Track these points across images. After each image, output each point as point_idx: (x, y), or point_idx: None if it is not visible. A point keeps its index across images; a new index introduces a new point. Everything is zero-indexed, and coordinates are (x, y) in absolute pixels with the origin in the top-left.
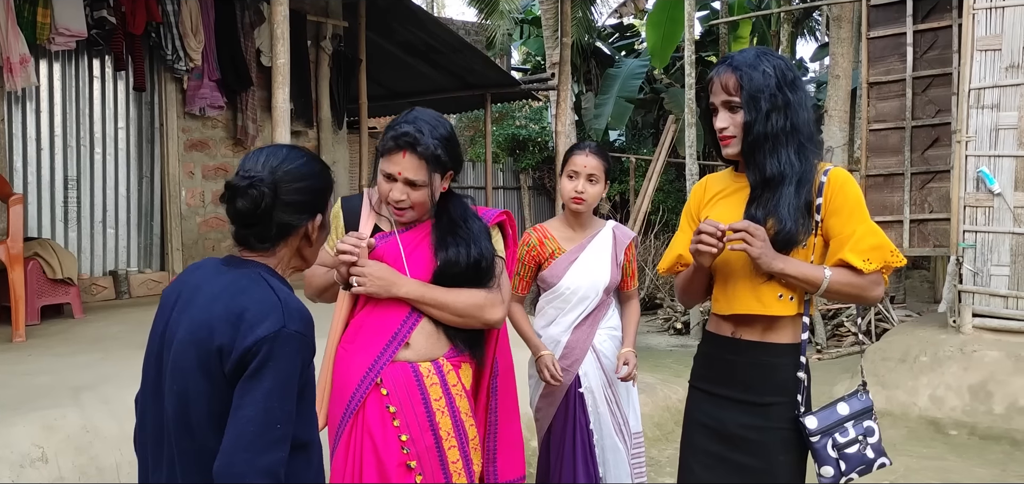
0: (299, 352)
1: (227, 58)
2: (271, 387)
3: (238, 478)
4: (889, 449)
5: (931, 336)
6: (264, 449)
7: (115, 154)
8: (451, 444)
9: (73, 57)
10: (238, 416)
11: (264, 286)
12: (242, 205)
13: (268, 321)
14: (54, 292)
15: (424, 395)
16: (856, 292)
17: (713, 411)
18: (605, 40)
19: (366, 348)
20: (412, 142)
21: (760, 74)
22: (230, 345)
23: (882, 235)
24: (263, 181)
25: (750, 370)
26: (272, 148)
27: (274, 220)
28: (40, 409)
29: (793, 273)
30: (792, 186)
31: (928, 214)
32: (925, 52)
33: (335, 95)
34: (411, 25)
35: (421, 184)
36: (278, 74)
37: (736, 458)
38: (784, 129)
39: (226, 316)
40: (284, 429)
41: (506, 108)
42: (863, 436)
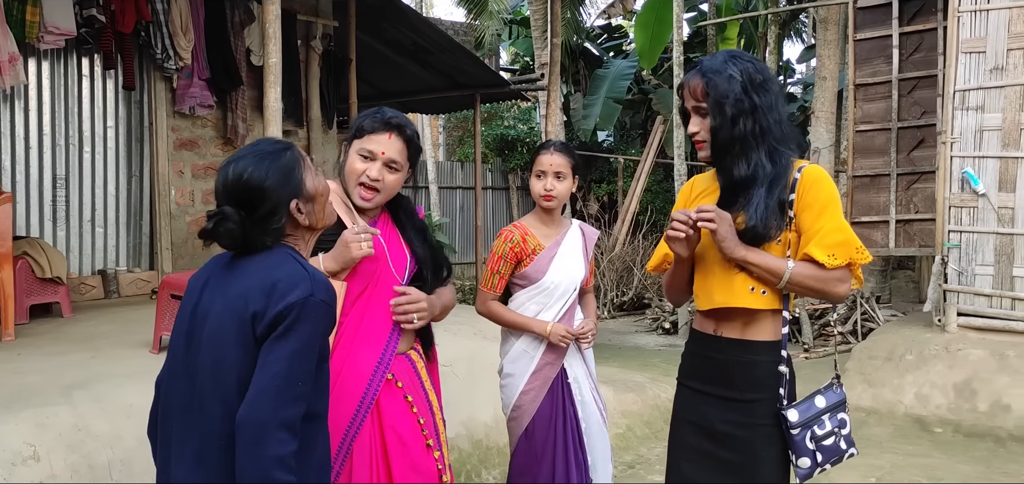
0: (322, 320)
1: (217, 57)
2: (296, 348)
3: (260, 426)
4: (875, 446)
5: (916, 335)
6: (286, 403)
7: (104, 153)
8: (441, 418)
9: (62, 56)
10: (264, 371)
11: (293, 262)
12: (222, 242)
13: (298, 289)
14: (43, 291)
15: (420, 380)
16: (819, 286)
17: (699, 408)
18: (593, 41)
19: (369, 344)
20: (400, 125)
21: (725, 79)
22: (263, 311)
23: (849, 231)
24: (227, 215)
25: (732, 367)
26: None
27: (259, 232)
28: (31, 407)
29: (755, 261)
30: (764, 186)
31: (914, 214)
32: (911, 54)
33: (325, 94)
34: (401, 25)
35: (399, 167)
36: (270, 73)
37: (721, 454)
38: (752, 132)
39: (260, 287)
40: (304, 388)
41: (495, 108)
42: (838, 428)
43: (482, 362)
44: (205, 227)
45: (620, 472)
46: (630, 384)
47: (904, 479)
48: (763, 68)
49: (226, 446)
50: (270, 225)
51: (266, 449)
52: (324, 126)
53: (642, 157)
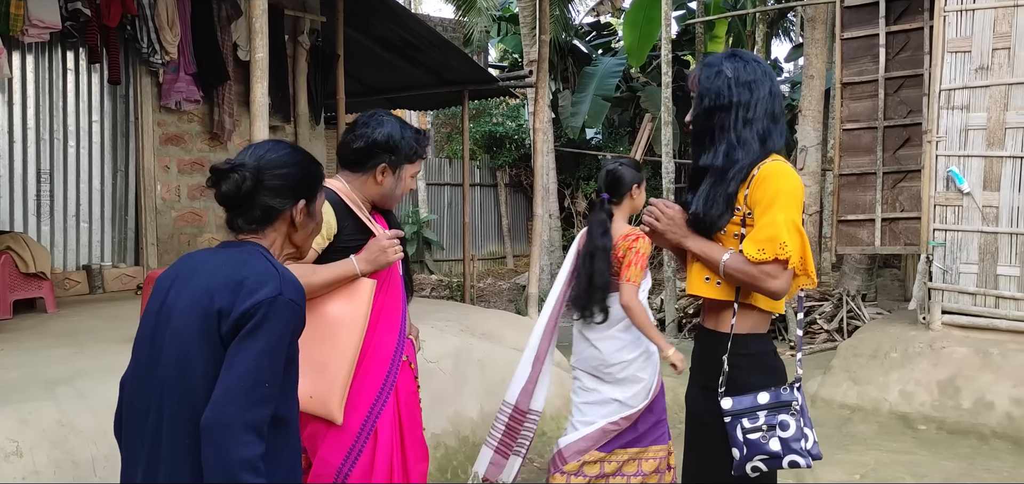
0: (291, 320)
1: (204, 52)
2: (263, 348)
3: (225, 429)
4: (860, 443)
5: (901, 333)
6: (252, 404)
7: (89, 147)
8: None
9: (47, 49)
10: (230, 372)
11: (262, 259)
12: (226, 188)
13: (266, 288)
14: (27, 286)
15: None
16: (749, 280)
17: (689, 394)
18: (582, 38)
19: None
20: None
21: (714, 74)
22: (229, 308)
23: (780, 228)
24: (245, 166)
25: (705, 357)
26: (261, 142)
27: (257, 203)
28: (14, 403)
29: (697, 249)
30: (712, 178)
31: (899, 213)
32: (897, 53)
33: (312, 90)
34: (389, 21)
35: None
36: (257, 68)
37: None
38: (722, 126)
39: (226, 283)
40: (271, 389)
41: (483, 105)
42: (772, 427)
43: (468, 359)
44: (219, 166)
45: None
46: None
47: (888, 476)
48: (758, 70)
49: (192, 446)
50: (271, 202)
51: (232, 452)
52: (311, 122)
53: (630, 155)
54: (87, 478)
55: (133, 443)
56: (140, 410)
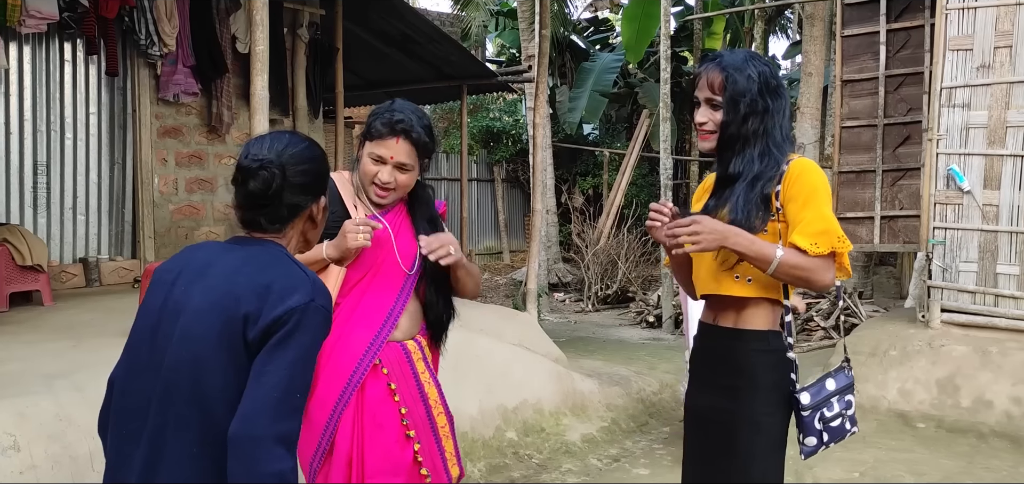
0: (322, 327)
1: (202, 44)
2: (296, 357)
3: (256, 442)
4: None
5: (900, 331)
6: (283, 416)
7: (86, 140)
8: (439, 411)
9: (44, 40)
10: (261, 382)
11: (288, 262)
12: (254, 186)
13: (298, 293)
14: (23, 279)
15: (413, 370)
16: (805, 274)
17: (696, 394)
18: (580, 33)
19: (361, 329)
20: (407, 129)
21: (745, 78)
22: (257, 314)
23: (832, 221)
24: (272, 163)
25: (723, 354)
26: (274, 134)
27: (284, 201)
28: (11, 396)
29: (744, 247)
30: (747, 183)
31: (898, 210)
32: (898, 51)
33: (311, 83)
34: (388, 14)
35: (410, 168)
36: (257, 61)
37: (710, 441)
38: (756, 132)
39: (252, 287)
40: (302, 400)
41: (480, 100)
42: (845, 409)
43: (468, 354)
44: (246, 163)
45: (605, 465)
46: (615, 377)
47: (888, 474)
48: (777, 74)
49: (200, 451)
50: (295, 199)
51: (264, 465)
52: (310, 115)
53: (627, 151)
54: (85, 473)
55: (123, 443)
56: (133, 410)
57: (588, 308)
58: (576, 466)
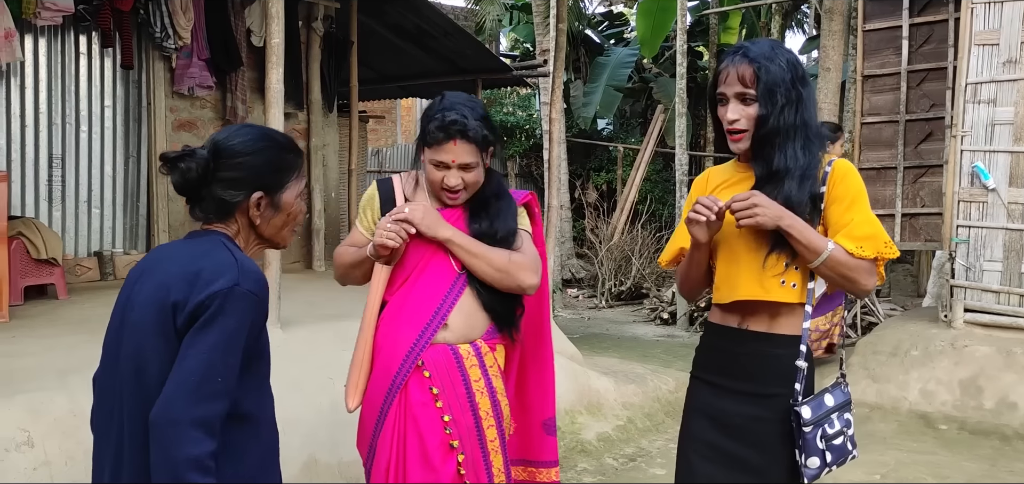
0: (249, 311)
1: (217, 37)
2: (216, 340)
3: (173, 424)
4: (879, 443)
5: (922, 330)
6: (202, 399)
7: (101, 133)
8: (490, 423)
9: (59, 33)
10: (182, 366)
11: (223, 250)
12: (173, 178)
13: (223, 278)
14: (38, 272)
15: (465, 377)
16: (851, 274)
17: (714, 401)
18: (594, 28)
19: (407, 328)
20: (462, 129)
21: (777, 68)
22: (184, 300)
23: (878, 225)
24: (195, 155)
25: (755, 360)
26: (232, 126)
27: (207, 195)
28: (25, 392)
29: (800, 232)
30: (796, 179)
31: (920, 208)
32: (920, 46)
33: (326, 77)
34: (403, 8)
35: (474, 166)
36: (272, 54)
37: (734, 450)
38: (794, 124)
39: (183, 275)
40: (224, 384)
41: (495, 95)
42: (845, 428)
43: None
44: (168, 153)
45: (621, 465)
46: (631, 375)
47: (909, 477)
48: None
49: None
50: (223, 194)
51: (179, 449)
52: (325, 109)
53: (642, 146)
54: None
55: (101, 443)
56: (107, 410)
57: (602, 304)
58: (591, 465)
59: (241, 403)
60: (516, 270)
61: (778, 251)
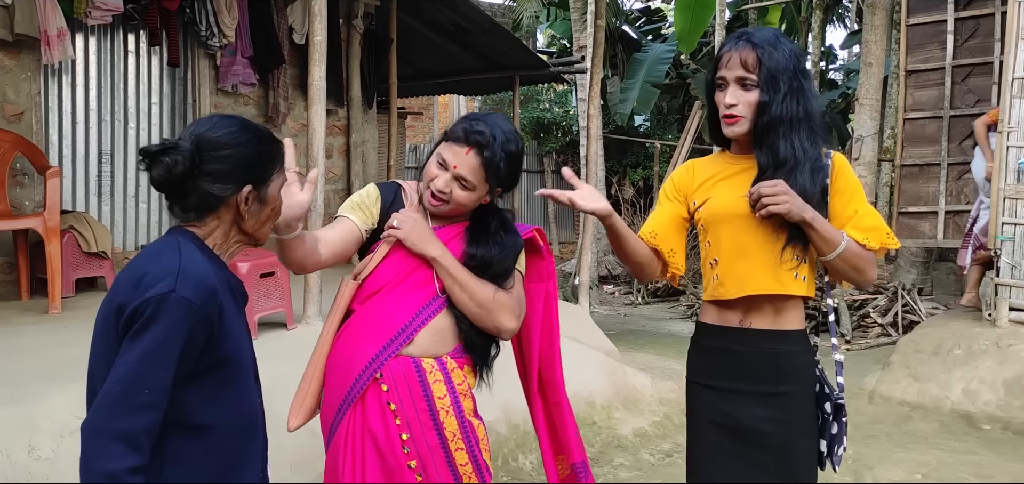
0: (184, 320)
1: (260, 35)
2: (145, 350)
3: (95, 434)
4: (921, 442)
5: (965, 329)
6: (126, 412)
7: (148, 129)
8: (458, 446)
9: (109, 32)
10: (112, 374)
11: (172, 252)
12: (156, 173)
13: (162, 283)
14: (89, 265)
15: (427, 393)
16: (862, 265)
17: (722, 407)
18: (632, 24)
19: (369, 340)
20: (482, 143)
21: (781, 55)
22: (126, 303)
23: (880, 217)
24: (179, 148)
25: (764, 360)
26: (213, 116)
27: (192, 190)
28: (78, 380)
29: (820, 225)
30: (806, 171)
31: (964, 205)
32: (966, 40)
33: (365, 74)
34: (441, 4)
35: (471, 186)
36: (315, 51)
37: (753, 453)
38: (798, 114)
39: (131, 277)
40: (153, 396)
41: (532, 91)
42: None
43: None
44: (149, 148)
45: (658, 460)
46: (668, 371)
47: (951, 477)
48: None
49: None
50: (211, 189)
51: (96, 462)
52: (364, 106)
53: (679, 142)
54: None
55: None
56: None
57: (638, 301)
58: (627, 460)
59: (194, 413)
60: (497, 310)
61: (794, 243)
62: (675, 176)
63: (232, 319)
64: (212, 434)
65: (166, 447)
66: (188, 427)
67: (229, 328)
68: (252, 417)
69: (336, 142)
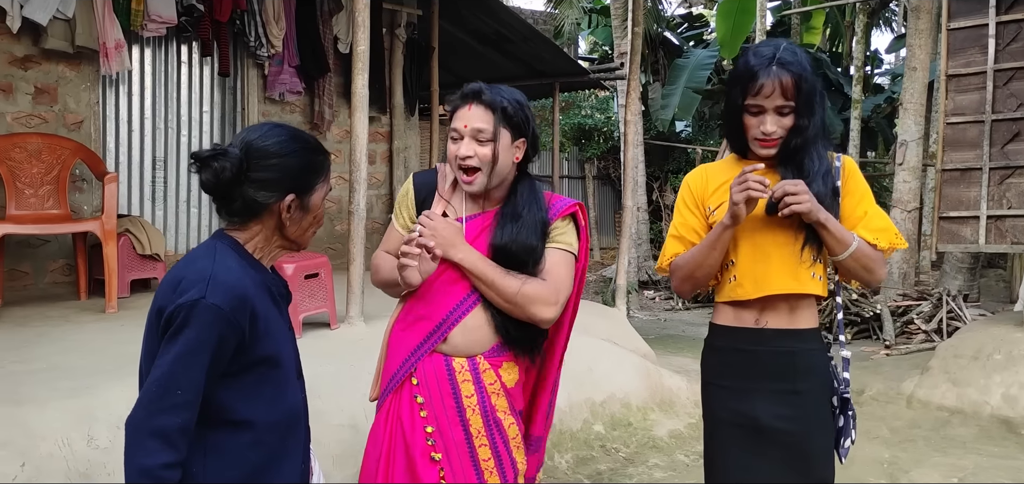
0: (214, 325)
1: (306, 45)
2: (178, 353)
3: (134, 432)
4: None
5: (1006, 334)
6: (161, 411)
7: (200, 136)
8: (482, 442)
9: (163, 43)
10: (150, 375)
11: (207, 258)
12: (205, 176)
13: (192, 290)
14: (143, 267)
15: (455, 390)
16: (872, 264)
17: (740, 407)
18: (673, 30)
19: (409, 336)
20: (477, 91)
21: (813, 77)
22: (164, 307)
23: (888, 218)
24: (228, 154)
25: (782, 358)
26: (263, 124)
27: (238, 195)
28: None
29: (833, 226)
30: (819, 177)
31: (1006, 210)
32: (1008, 44)
33: (408, 82)
34: (482, 13)
35: (487, 137)
36: (358, 60)
37: (772, 452)
38: (819, 129)
39: (171, 281)
40: (186, 396)
41: (573, 98)
42: None
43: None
44: (200, 152)
45: (692, 461)
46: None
47: (989, 480)
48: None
49: None
50: (256, 195)
51: (134, 456)
52: (406, 113)
53: (720, 148)
54: None
55: None
56: None
57: (677, 306)
58: (663, 461)
59: (235, 409)
60: (526, 303)
61: (811, 243)
62: (690, 182)
63: (270, 320)
64: (253, 429)
65: (208, 440)
66: (229, 422)
67: (265, 329)
68: (293, 412)
69: (379, 148)
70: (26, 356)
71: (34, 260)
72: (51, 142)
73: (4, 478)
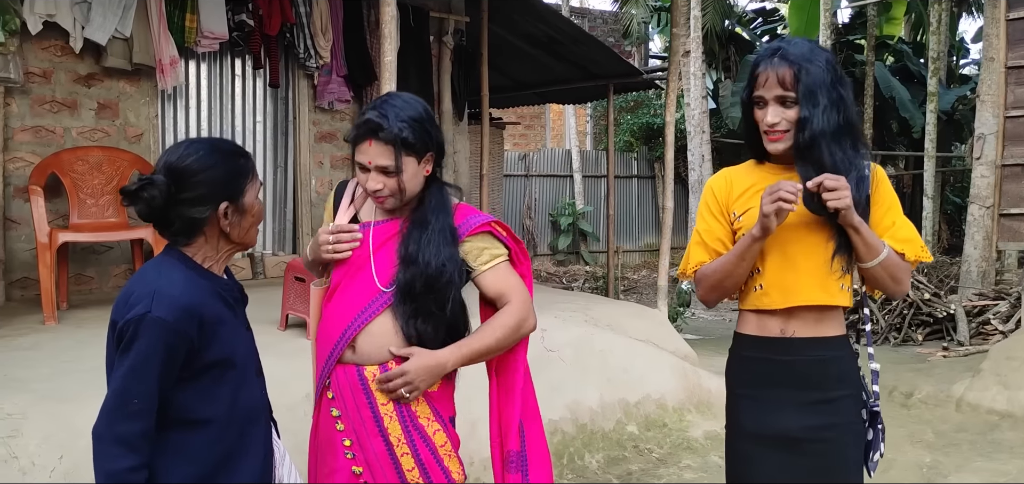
0: (161, 337)
1: (353, 55)
2: (131, 365)
3: (98, 441)
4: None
5: None
6: (121, 419)
7: (253, 146)
8: (404, 451)
9: (217, 58)
10: (109, 387)
11: (154, 274)
12: (138, 209)
13: (139, 305)
14: None
15: (370, 400)
16: (899, 274)
17: (767, 419)
18: (745, 25)
19: (323, 343)
20: (374, 128)
21: (817, 69)
22: (117, 321)
23: (915, 229)
24: (154, 183)
25: (811, 367)
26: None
27: (175, 217)
28: None
29: (866, 232)
30: (852, 180)
31: None
32: None
33: (456, 88)
34: (532, 17)
35: (394, 171)
36: (385, 71)
37: (802, 462)
38: (840, 125)
39: (123, 297)
40: (141, 404)
41: (642, 97)
42: None
43: (590, 348)
44: (128, 186)
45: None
46: None
47: None
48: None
49: None
50: (190, 213)
51: (102, 462)
52: (455, 119)
53: None
54: None
55: None
56: None
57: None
58: (695, 462)
59: (194, 409)
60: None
61: (841, 252)
62: (714, 187)
63: (222, 325)
64: (212, 427)
65: (170, 440)
66: (189, 422)
67: (216, 334)
68: (252, 409)
69: None
70: (79, 356)
71: (98, 266)
72: (110, 154)
73: (44, 468)
